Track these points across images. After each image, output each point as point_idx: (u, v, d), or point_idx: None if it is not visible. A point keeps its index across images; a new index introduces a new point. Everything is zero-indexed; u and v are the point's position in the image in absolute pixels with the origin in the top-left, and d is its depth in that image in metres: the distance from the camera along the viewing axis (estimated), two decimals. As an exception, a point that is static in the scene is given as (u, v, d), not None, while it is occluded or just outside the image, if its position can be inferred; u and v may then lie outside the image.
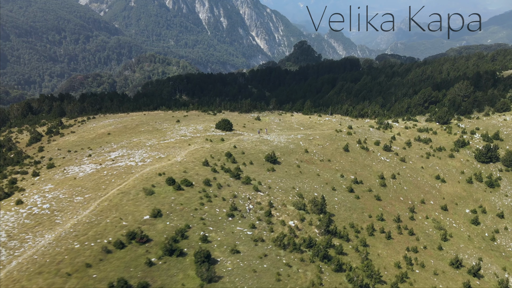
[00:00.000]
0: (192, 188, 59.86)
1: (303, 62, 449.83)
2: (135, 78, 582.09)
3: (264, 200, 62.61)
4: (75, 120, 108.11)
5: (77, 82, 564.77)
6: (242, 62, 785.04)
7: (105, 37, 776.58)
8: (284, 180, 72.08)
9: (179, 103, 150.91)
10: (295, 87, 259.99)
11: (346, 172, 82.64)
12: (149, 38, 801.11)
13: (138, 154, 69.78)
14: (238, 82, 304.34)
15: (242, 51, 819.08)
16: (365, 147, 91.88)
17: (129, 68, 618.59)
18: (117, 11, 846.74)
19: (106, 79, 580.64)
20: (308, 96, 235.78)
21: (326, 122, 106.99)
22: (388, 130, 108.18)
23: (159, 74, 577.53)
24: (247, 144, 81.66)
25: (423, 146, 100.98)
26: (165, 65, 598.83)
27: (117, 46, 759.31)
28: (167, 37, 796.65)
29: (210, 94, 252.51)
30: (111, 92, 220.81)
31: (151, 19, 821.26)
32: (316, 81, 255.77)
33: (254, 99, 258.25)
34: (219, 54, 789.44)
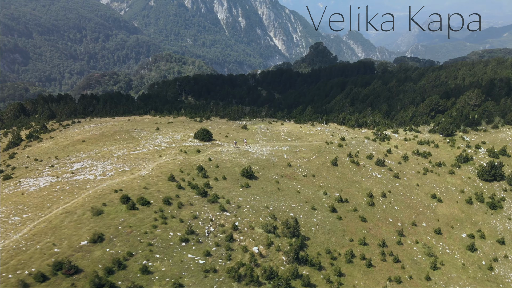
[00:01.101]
0: (148, 207, 55.30)
1: (318, 64, 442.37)
2: (151, 77, 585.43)
3: (228, 222, 57.52)
4: (60, 124, 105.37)
5: (94, 80, 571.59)
6: (259, 63, 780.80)
7: (124, 36, 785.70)
8: (258, 198, 66.79)
9: (177, 106, 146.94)
10: (304, 90, 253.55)
11: (331, 189, 76.68)
12: (168, 37, 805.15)
13: (101, 166, 65.74)
14: (248, 83, 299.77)
15: (260, 52, 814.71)
16: (355, 161, 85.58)
17: (145, 67, 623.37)
18: (137, 11, 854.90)
19: (122, 77, 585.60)
20: (316, 100, 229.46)
21: (317, 133, 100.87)
22: (385, 142, 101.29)
23: (175, 74, 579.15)
24: (224, 157, 76.68)
25: (421, 161, 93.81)
26: (181, 65, 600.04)
27: (136, 45, 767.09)
28: (185, 36, 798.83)
29: (217, 95, 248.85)
30: (114, 93, 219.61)
31: (170, 19, 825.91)
32: (326, 84, 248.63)
33: (262, 101, 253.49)
34: (236, 54, 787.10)
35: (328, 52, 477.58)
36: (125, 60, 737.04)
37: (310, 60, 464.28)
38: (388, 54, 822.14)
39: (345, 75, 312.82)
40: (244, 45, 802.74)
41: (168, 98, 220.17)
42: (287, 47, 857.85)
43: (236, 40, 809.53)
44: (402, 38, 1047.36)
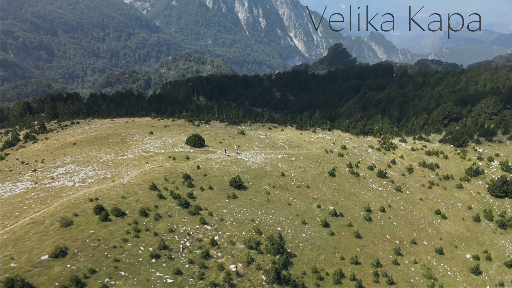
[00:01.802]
0: (123, 218, 52.84)
1: (336, 66, 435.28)
2: (169, 76, 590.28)
3: (207, 236, 54.48)
4: (60, 124, 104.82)
5: (114, 78, 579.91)
6: (279, 63, 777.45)
7: (146, 34, 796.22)
8: (244, 210, 63.51)
9: (182, 108, 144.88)
10: (318, 93, 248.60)
11: (325, 201, 72.65)
12: (188, 36, 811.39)
13: (84, 172, 63.83)
14: (262, 85, 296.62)
15: (279, 52, 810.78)
16: (355, 172, 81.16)
17: (165, 65, 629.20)
18: (159, 10, 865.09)
19: (142, 76, 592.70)
20: (330, 103, 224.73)
21: (317, 140, 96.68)
22: (390, 152, 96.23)
23: (193, 73, 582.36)
24: (214, 165, 73.72)
25: (428, 173, 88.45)
26: (200, 64, 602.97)
27: (157, 44, 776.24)
28: (205, 36, 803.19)
29: (230, 96, 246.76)
30: (125, 92, 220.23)
31: (191, 18, 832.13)
32: (340, 87, 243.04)
33: (275, 103, 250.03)
34: (255, 54, 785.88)
35: (347, 53, 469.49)
36: (146, 58, 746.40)
37: (329, 62, 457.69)
38: (410, 57, 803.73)
39: (362, 77, 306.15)
40: (263, 45, 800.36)
41: (179, 98, 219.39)
42: (307, 48, 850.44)
43: (256, 40, 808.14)
44: (426, 40, 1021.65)
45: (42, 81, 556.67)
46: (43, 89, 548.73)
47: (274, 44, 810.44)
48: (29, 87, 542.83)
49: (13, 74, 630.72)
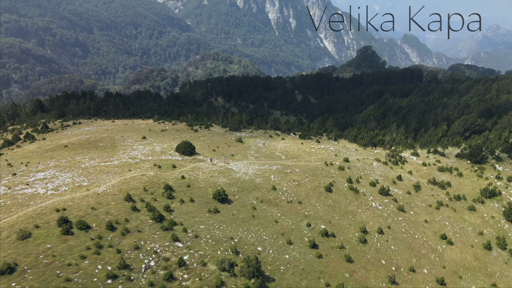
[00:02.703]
0: (87, 232, 50.12)
1: (364, 69, 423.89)
2: (197, 75, 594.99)
3: (176, 255, 50.95)
4: (62, 124, 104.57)
5: (143, 76, 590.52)
6: (307, 64, 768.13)
7: (176, 33, 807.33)
8: (224, 226, 59.57)
9: (192, 110, 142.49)
10: (340, 97, 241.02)
11: (317, 219, 67.54)
12: (218, 36, 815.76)
13: (62, 178, 61.85)
14: (284, 86, 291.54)
15: (308, 53, 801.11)
16: (354, 188, 75.47)
17: (193, 64, 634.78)
18: (191, 9, 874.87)
19: (169, 74, 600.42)
20: (350, 109, 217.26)
21: (319, 151, 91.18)
22: (398, 166, 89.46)
23: (220, 72, 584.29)
24: (201, 175, 70.16)
25: (437, 192, 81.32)
26: (227, 64, 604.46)
27: (187, 43, 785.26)
28: (235, 35, 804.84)
29: (249, 98, 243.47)
30: (143, 91, 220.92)
31: (221, 18, 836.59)
32: (363, 92, 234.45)
33: (295, 106, 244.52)
34: (284, 54, 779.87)
35: (377, 56, 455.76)
36: (175, 57, 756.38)
37: (357, 65, 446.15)
38: (445, 61, 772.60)
39: (388, 82, 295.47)
40: (293, 46, 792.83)
41: (196, 98, 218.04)
42: (337, 50, 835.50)
43: (285, 40, 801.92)
44: (463, 44, 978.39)
45: (75, 76, 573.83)
46: (75, 84, 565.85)
47: (303, 45, 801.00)
48: (63, 82, 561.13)
49: (49, 69, 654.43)
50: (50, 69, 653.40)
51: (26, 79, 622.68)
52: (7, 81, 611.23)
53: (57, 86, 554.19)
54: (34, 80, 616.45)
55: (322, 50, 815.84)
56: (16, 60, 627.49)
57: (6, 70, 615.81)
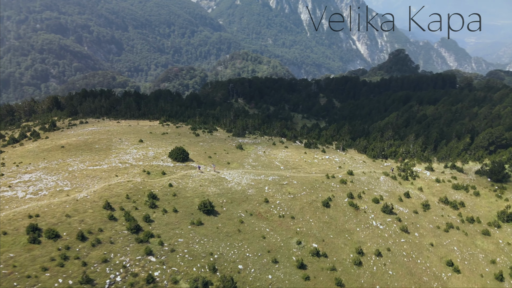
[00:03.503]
0: (55, 242, 48.35)
1: (395, 73, 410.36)
2: (225, 74, 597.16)
3: (147, 270, 48.35)
4: (70, 123, 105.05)
5: (172, 74, 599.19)
6: (338, 66, 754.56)
7: (208, 32, 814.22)
8: (206, 240, 56.47)
9: (205, 112, 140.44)
10: (364, 102, 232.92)
11: (309, 237, 63.19)
12: (249, 35, 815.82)
13: (46, 181, 60.81)
14: (308, 89, 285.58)
15: (340, 55, 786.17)
16: (354, 204, 70.41)
17: (222, 63, 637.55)
18: (223, 9, 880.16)
19: (198, 72, 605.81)
20: (374, 115, 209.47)
21: (322, 162, 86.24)
22: (408, 182, 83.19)
23: (249, 72, 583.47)
24: (191, 183, 67.38)
25: (448, 212, 74.77)
26: (256, 64, 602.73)
27: (218, 42, 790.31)
28: (266, 36, 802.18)
29: (270, 100, 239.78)
30: (163, 90, 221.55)
31: (253, 18, 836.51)
32: (388, 97, 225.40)
33: (317, 110, 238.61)
34: (315, 56, 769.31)
35: (409, 60, 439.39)
36: (206, 56, 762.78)
37: (388, 68, 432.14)
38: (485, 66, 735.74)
39: (419, 88, 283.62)
40: (324, 48, 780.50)
41: (216, 99, 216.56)
42: (370, 52, 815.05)
43: (317, 42, 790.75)
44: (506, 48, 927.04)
45: (108, 73, 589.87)
46: (108, 81, 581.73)
47: (335, 47, 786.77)
48: (96, 78, 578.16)
49: (85, 65, 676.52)
50: (86, 65, 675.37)
51: (63, 74, 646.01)
52: (46, 76, 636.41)
53: (90, 81, 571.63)
54: (70, 75, 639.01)
55: (354, 52, 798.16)
56: (55, 56, 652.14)
57: (45, 65, 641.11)
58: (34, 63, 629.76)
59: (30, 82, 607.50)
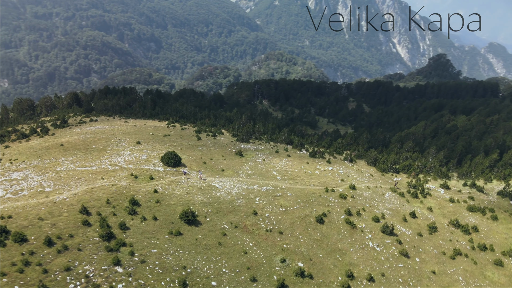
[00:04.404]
0: (21, 245, 47.35)
1: (435, 78, 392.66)
2: (259, 74, 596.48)
3: (110, 282, 46.36)
4: (81, 120, 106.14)
5: (206, 72, 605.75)
6: (376, 70, 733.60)
7: (245, 32, 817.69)
8: (182, 252, 53.87)
9: (220, 115, 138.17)
10: (393, 108, 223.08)
11: (295, 255, 59.06)
12: (286, 36, 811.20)
13: (30, 181, 60.51)
14: (338, 93, 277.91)
15: (379, 58, 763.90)
16: (351, 222, 65.40)
17: (257, 64, 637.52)
18: (261, 9, 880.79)
19: (232, 72, 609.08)
20: (402, 122, 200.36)
21: (323, 174, 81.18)
22: (418, 200, 76.68)
23: (283, 73, 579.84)
24: (178, 190, 65.05)
25: (458, 237, 67.99)
26: (290, 65, 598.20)
27: (254, 42, 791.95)
28: (303, 37, 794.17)
29: (296, 102, 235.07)
30: (188, 89, 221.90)
31: (290, 18, 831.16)
32: (419, 105, 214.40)
33: (344, 115, 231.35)
34: (352, 59, 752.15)
35: (451, 66, 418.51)
36: (242, 55, 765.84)
37: (427, 73, 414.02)
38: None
39: (457, 95, 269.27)
40: (362, 50, 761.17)
41: (240, 100, 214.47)
42: (411, 56, 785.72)
43: (355, 44, 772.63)
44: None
45: (145, 70, 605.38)
46: (145, 77, 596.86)
47: (374, 50, 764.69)
48: (133, 75, 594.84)
49: (125, 62, 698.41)
50: (126, 62, 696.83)
51: (104, 69, 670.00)
52: (88, 71, 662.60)
53: (128, 77, 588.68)
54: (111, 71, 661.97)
55: (394, 55, 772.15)
56: (97, 52, 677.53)
57: (88, 60, 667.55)
58: (78, 58, 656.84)
59: (74, 76, 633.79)
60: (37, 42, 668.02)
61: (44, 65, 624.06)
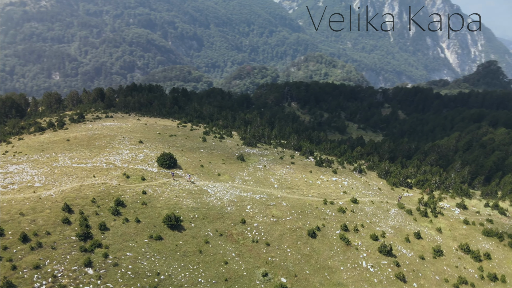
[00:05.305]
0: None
1: (483, 87, 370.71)
2: (297, 76, 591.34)
3: (77, 284, 45.74)
4: (97, 115, 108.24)
5: (244, 72, 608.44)
6: (422, 75, 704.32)
7: (286, 33, 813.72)
8: (158, 258, 52.49)
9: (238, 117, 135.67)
10: (429, 117, 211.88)
11: (280, 269, 55.94)
12: (328, 38, 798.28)
13: (24, 175, 61.63)
14: (372, 98, 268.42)
15: (425, 63, 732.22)
16: (346, 238, 61.24)
17: (296, 65, 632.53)
18: (304, 10, 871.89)
19: (270, 72, 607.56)
20: (437, 132, 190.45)
21: (325, 184, 76.71)
22: (427, 219, 70.68)
23: (321, 76, 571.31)
24: (167, 193, 63.82)
25: (466, 263, 61.80)
26: (330, 67, 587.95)
27: (295, 43, 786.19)
28: (345, 39, 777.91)
29: (326, 106, 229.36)
30: (217, 89, 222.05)
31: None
32: (458, 114, 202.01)
33: (376, 121, 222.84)
34: (396, 63, 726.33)
35: (502, 73, 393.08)
36: (282, 56, 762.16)
37: (474, 81, 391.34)
38: None
39: (503, 106, 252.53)
40: (407, 54, 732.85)
41: (268, 102, 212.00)
42: (460, 62, 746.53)
43: (400, 48, 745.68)
44: None
45: (185, 67, 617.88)
46: (184, 75, 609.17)
47: (420, 54, 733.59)
48: (173, 72, 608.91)
49: (167, 59, 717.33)
50: (168, 59, 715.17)
51: (147, 66, 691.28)
52: (132, 67, 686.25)
53: (168, 74, 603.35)
54: (153, 68, 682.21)
55: (441, 61, 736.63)
56: (142, 49, 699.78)
57: (133, 57, 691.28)
58: (123, 54, 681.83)
59: (118, 72, 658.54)
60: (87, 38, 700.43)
61: (92, 60, 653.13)
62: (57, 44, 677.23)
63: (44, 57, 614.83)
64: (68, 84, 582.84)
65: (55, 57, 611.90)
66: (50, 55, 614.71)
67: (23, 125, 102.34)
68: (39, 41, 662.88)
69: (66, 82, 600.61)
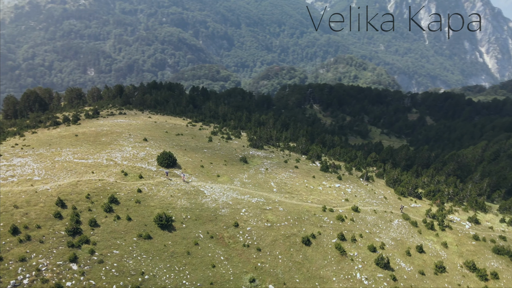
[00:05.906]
0: (-15, 232, 48.94)
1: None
2: (326, 78, 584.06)
3: (60, 279, 46.16)
4: (112, 112, 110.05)
5: (272, 72, 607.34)
6: (457, 80, 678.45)
7: (317, 34, 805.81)
8: (145, 257, 52.28)
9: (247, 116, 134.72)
10: (457, 124, 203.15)
11: (268, 276, 54.48)
12: (360, 40, 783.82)
13: (26, 168, 63.09)
14: (400, 103, 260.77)
15: (461, 68, 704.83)
16: (341, 248, 58.93)
17: (325, 67, 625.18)
18: (337, 11, 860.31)
19: (298, 73, 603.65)
20: (465, 140, 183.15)
21: (326, 190, 74.03)
22: (433, 232, 66.95)
23: (351, 78, 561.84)
24: (163, 192, 63.63)
25: (470, 282, 57.98)
26: (360, 70, 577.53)
27: (326, 44, 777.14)
28: (378, 41, 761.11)
29: (349, 110, 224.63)
30: (238, 88, 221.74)
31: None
32: (489, 122, 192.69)
33: (401, 126, 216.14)
34: (431, 67, 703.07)
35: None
36: (312, 57, 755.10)
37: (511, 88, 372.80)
38: None
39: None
40: (443, 58, 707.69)
41: (289, 103, 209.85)
42: (500, 67, 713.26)
43: (435, 51, 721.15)
44: None
45: (213, 66, 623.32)
46: (212, 74, 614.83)
47: (456, 58, 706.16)
48: (202, 71, 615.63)
49: (197, 58, 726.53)
50: (198, 58, 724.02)
51: (177, 64, 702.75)
52: (163, 64, 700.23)
53: (197, 73, 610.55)
54: (183, 66, 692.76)
55: (479, 66, 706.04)
56: (173, 47, 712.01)
57: (164, 55, 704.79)
58: (155, 52, 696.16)
59: (150, 69, 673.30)
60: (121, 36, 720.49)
61: (125, 57, 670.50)
62: (93, 41, 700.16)
63: (80, 54, 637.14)
64: (101, 80, 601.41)
65: (90, 54, 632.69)
66: (86, 52, 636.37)
67: (42, 119, 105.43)
68: (77, 38, 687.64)
69: (100, 78, 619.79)
